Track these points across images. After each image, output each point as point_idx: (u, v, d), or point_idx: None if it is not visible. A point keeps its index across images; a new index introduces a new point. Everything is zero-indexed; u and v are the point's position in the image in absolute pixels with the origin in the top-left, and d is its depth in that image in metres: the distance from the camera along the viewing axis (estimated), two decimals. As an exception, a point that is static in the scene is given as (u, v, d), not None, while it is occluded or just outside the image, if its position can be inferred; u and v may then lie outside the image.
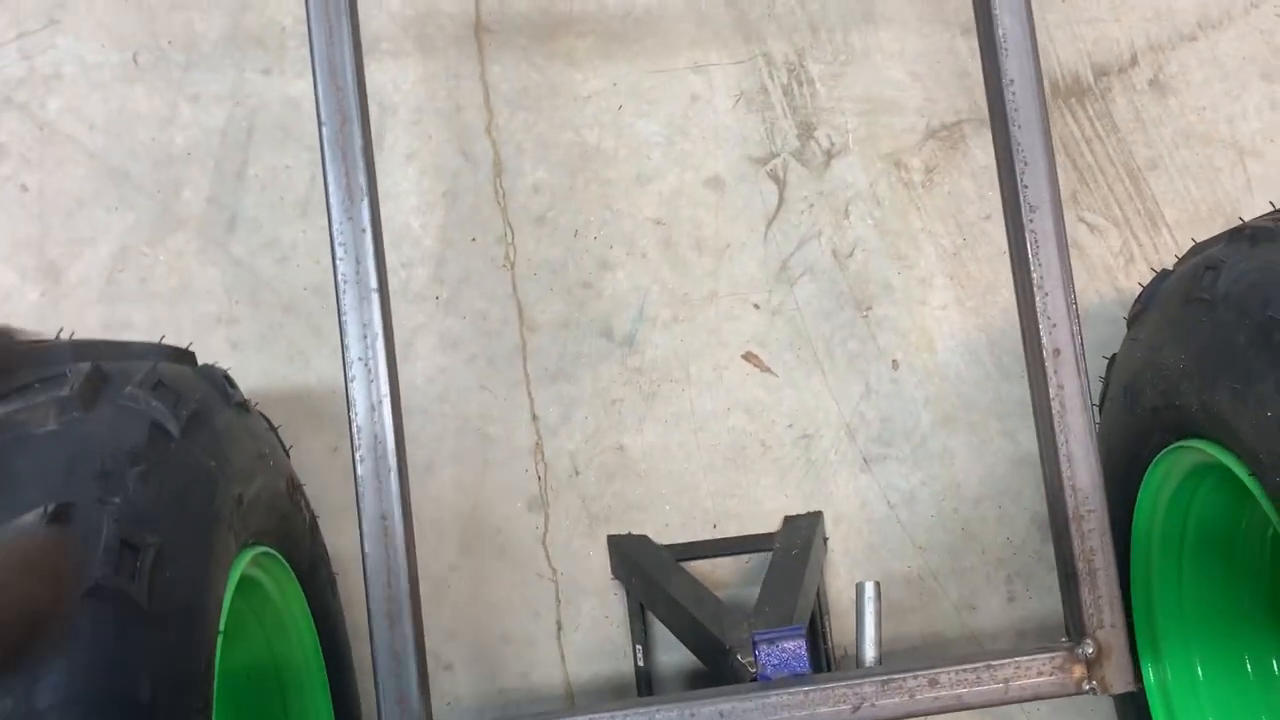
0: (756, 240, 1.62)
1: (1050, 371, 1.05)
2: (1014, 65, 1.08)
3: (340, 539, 1.51)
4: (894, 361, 1.60)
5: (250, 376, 1.56)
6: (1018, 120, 1.08)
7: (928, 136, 1.65)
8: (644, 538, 1.55)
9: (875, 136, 1.64)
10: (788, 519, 1.56)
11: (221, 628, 0.91)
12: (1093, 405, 1.10)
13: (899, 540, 1.57)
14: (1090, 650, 1.02)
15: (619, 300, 1.60)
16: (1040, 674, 1.02)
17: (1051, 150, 1.09)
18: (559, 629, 1.54)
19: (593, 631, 1.54)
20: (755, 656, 1.05)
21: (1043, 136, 1.08)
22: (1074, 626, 1.05)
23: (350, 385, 1.02)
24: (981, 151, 1.65)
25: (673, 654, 1.53)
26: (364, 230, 1.04)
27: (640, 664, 1.48)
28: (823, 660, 1.50)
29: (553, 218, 1.61)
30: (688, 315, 1.60)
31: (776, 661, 1.05)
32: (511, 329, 1.59)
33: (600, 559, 1.55)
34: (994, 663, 1.02)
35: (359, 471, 1.02)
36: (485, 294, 1.59)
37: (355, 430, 1.02)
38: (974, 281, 1.62)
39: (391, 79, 1.62)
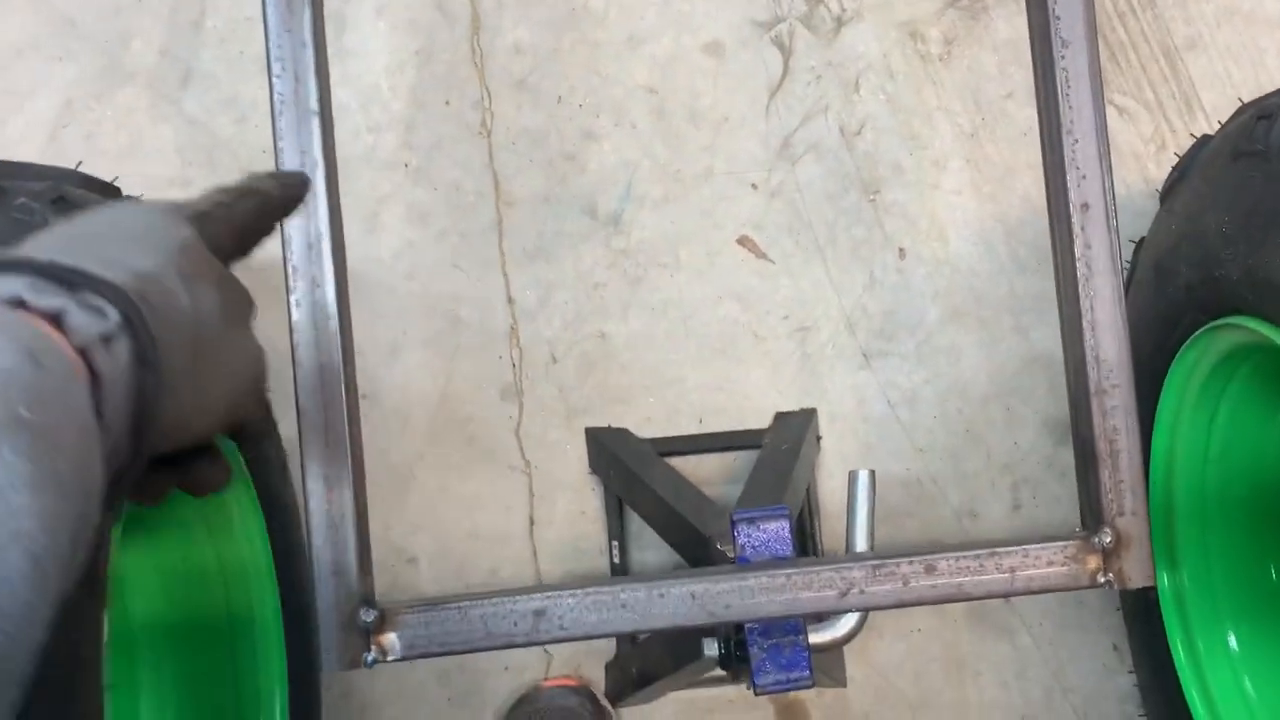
0: (757, 114, 1.49)
1: (1077, 228, 0.93)
2: (1051, -122, 0.94)
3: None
4: (901, 250, 1.48)
5: (204, 245, 1.44)
6: (1053, -58, 0.94)
7: (948, 5, 1.51)
8: (624, 431, 1.44)
9: (890, 3, 1.50)
10: (779, 415, 1.45)
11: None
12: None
13: (898, 441, 1.46)
14: (1108, 539, 0.92)
15: (605, 175, 1.47)
16: (1050, 564, 0.91)
17: (1089, -22, 0.95)
18: (531, 524, 1.44)
19: (567, 528, 1.44)
20: (734, 538, 0.95)
21: (1081, -39, 0.95)
22: (1090, 514, 0.94)
23: (285, 220, 0.90)
24: (1005, 24, 1.51)
25: (651, 552, 1.43)
26: (304, 45, 0.92)
27: (616, 561, 1.38)
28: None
29: (534, 82, 1.48)
30: (679, 194, 1.48)
31: (757, 543, 0.94)
32: (487, 203, 1.46)
33: (578, 452, 1.45)
34: (999, 550, 0.92)
35: (294, 317, 0.91)
36: (459, 163, 1.46)
37: (290, 271, 0.91)
38: (992, 165, 1.49)
39: (362, -75, 1.48)
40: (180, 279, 0.55)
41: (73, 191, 0.86)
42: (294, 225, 0.90)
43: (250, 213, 0.64)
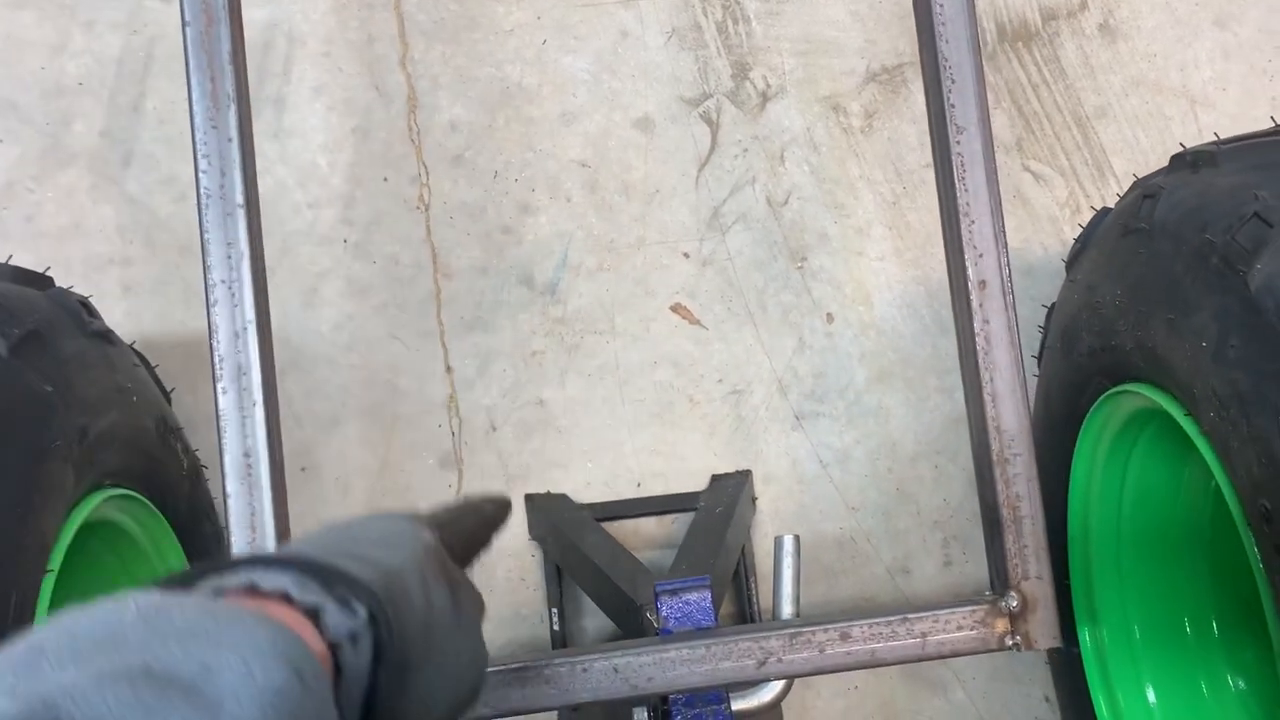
0: (687, 185, 1.53)
1: (975, 305, 0.97)
2: (943, -24, 1.00)
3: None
4: (829, 315, 1.52)
5: (145, 320, 1.46)
6: (945, 35, 1.00)
7: (868, 80, 1.57)
8: (563, 496, 1.47)
9: (813, 79, 1.56)
10: (715, 478, 1.48)
11: (53, 566, 0.82)
12: (1022, 346, 1.02)
13: (831, 500, 1.49)
14: (1014, 603, 0.95)
15: (541, 246, 1.51)
16: (960, 628, 0.95)
17: (980, 67, 1.01)
18: (471, 592, 1.46)
19: (508, 595, 1.46)
20: (657, 609, 0.97)
21: (971, 52, 1.00)
22: (998, 578, 0.97)
23: (212, 310, 0.93)
24: (924, 96, 1.57)
25: (593, 618, 1.45)
26: (230, 140, 0.95)
27: (556, 629, 1.40)
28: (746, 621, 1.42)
29: (470, 158, 1.52)
30: (614, 264, 1.52)
31: (679, 614, 0.97)
32: (425, 275, 1.50)
33: (517, 519, 1.47)
34: (910, 616, 0.95)
35: (220, 404, 0.93)
36: (397, 237, 1.50)
37: (217, 360, 0.93)
38: (913, 232, 1.54)
39: (300, 8, 1.52)
40: (419, 578, 0.59)
41: (2, 288, 0.88)
42: (220, 315, 0.93)
43: (475, 525, 0.71)
